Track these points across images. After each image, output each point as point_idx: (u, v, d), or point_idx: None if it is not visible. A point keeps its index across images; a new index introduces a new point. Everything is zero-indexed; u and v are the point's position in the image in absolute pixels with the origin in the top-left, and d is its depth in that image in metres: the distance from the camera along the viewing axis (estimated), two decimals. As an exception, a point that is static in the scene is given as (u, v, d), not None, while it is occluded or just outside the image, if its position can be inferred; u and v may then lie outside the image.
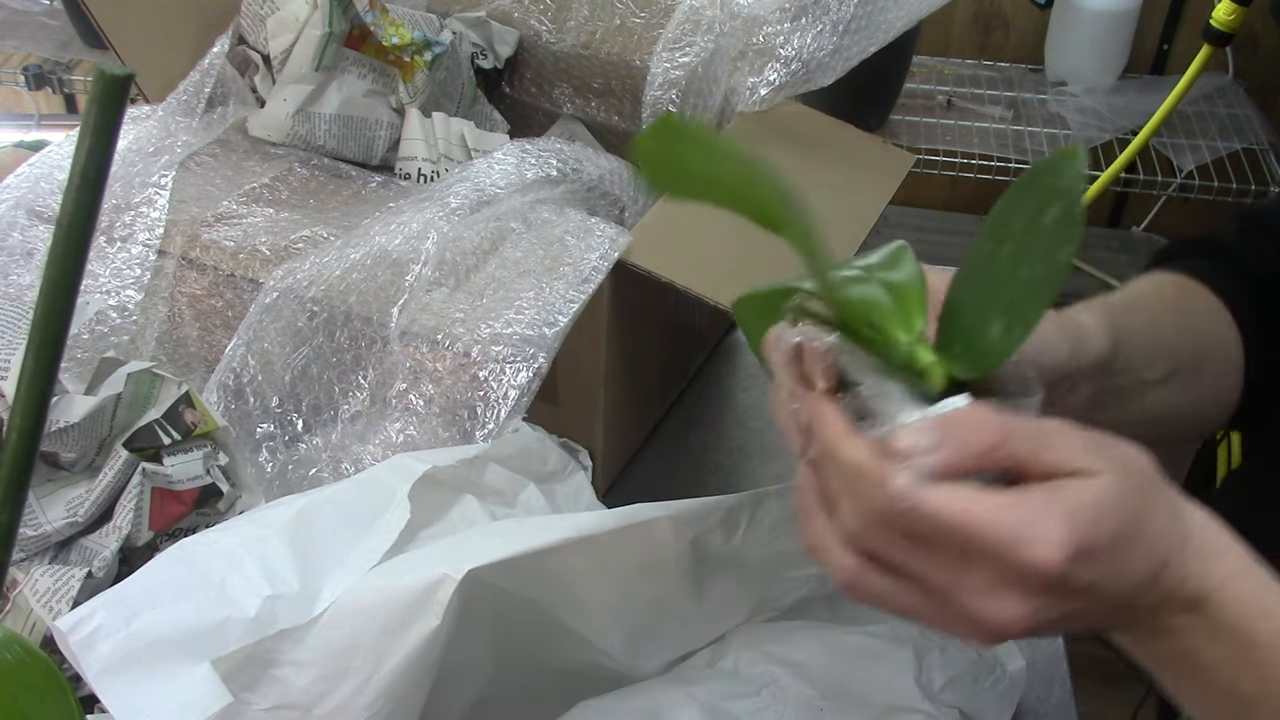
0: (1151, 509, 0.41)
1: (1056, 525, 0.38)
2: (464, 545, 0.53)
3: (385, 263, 0.73)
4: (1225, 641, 0.41)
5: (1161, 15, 1.80)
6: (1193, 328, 0.63)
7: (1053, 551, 0.38)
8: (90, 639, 0.48)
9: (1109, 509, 0.39)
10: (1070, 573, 0.39)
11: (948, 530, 0.39)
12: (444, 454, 0.61)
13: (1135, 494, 0.40)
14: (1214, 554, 0.41)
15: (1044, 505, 0.39)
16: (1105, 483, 0.40)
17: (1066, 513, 0.39)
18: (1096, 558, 0.39)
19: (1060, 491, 0.39)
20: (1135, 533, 0.40)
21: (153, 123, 0.87)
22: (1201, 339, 0.62)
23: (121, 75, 0.31)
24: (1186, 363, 0.60)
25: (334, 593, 0.51)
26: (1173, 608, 0.42)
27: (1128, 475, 0.40)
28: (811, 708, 0.62)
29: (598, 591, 0.58)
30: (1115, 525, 0.39)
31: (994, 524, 0.39)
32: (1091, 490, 0.39)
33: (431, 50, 0.91)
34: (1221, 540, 0.42)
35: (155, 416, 0.65)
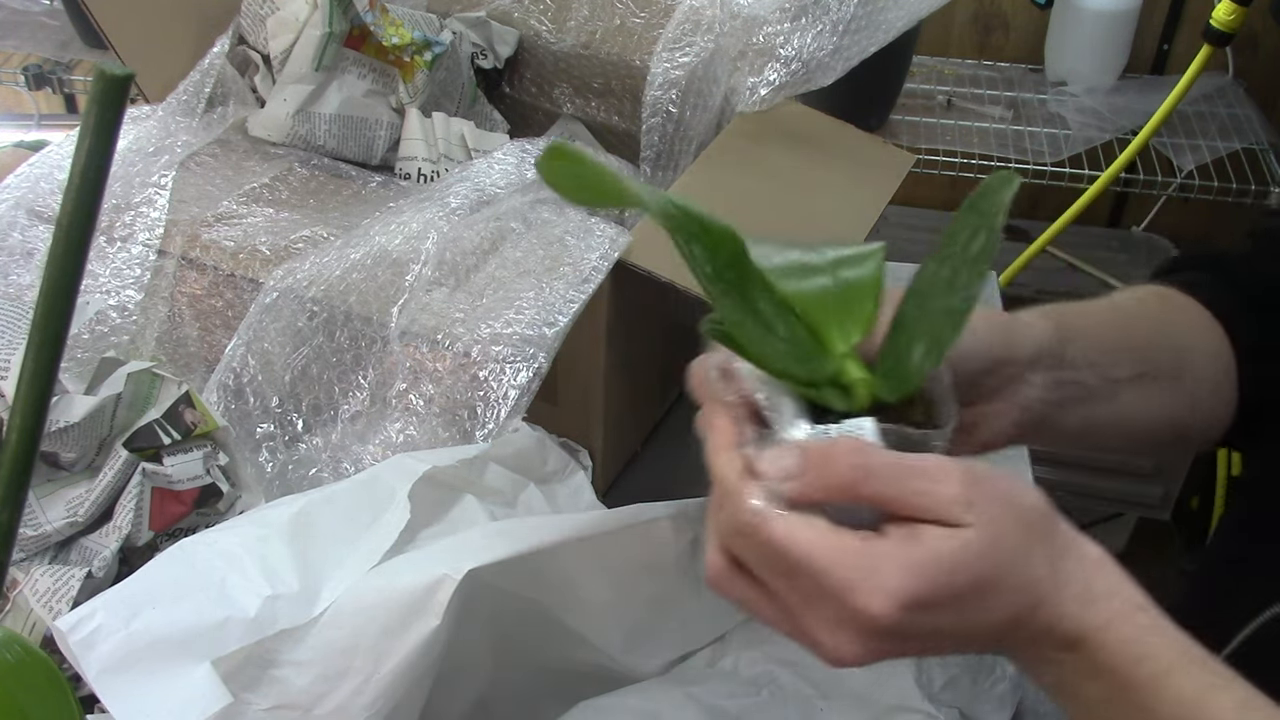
0: (1023, 558, 0.41)
1: (894, 576, 0.39)
2: (464, 545, 0.53)
3: (385, 263, 0.73)
4: (1104, 680, 0.42)
5: (1161, 15, 1.80)
6: (1171, 335, 0.62)
7: (885, 603, 0.39)
8: (90, 639, 0.48)
9: (964, 563, 0.40)
10: (904, 621, 0.39)
11: (791, 561, 0.40)
12: (444, 454, 0.61)
13: (1002, 548, 0.40)
14: (1098, 597, 0.42)
15: (889, 554, 0.39)
16: (966, 537, 0.40)
17: (909, 565, 0.39)
18: (937, 609, 0.40)
19: (912, 541, 0.40)
20: (994, 582, 0.40)
21: (153, 123, 0.87)
22: (1181, 347, 0.62)
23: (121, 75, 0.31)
24: (1163, 369, 0.60)
25: (334, 593, 0.51)
26: (1051, 644, 0.42)
27: (999, 533, 0.40)
28: (811, 707, 0.62)
29: (598, 591, 0.58)
30: (969, 577, 0.40)
31: (834, 565, 0.39)
32: (949, 544, 0.40)
33: (431, 50, 0.91)
34: (1109, 582, 0.43)
35: (155, 416, 0.65)
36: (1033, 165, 1.61)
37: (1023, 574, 0.41)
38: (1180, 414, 0.62)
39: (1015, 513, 0.41)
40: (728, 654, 0.65)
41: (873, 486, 0.40)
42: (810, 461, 0.40)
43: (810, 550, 0.40)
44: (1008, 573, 0.41)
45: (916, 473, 0.40)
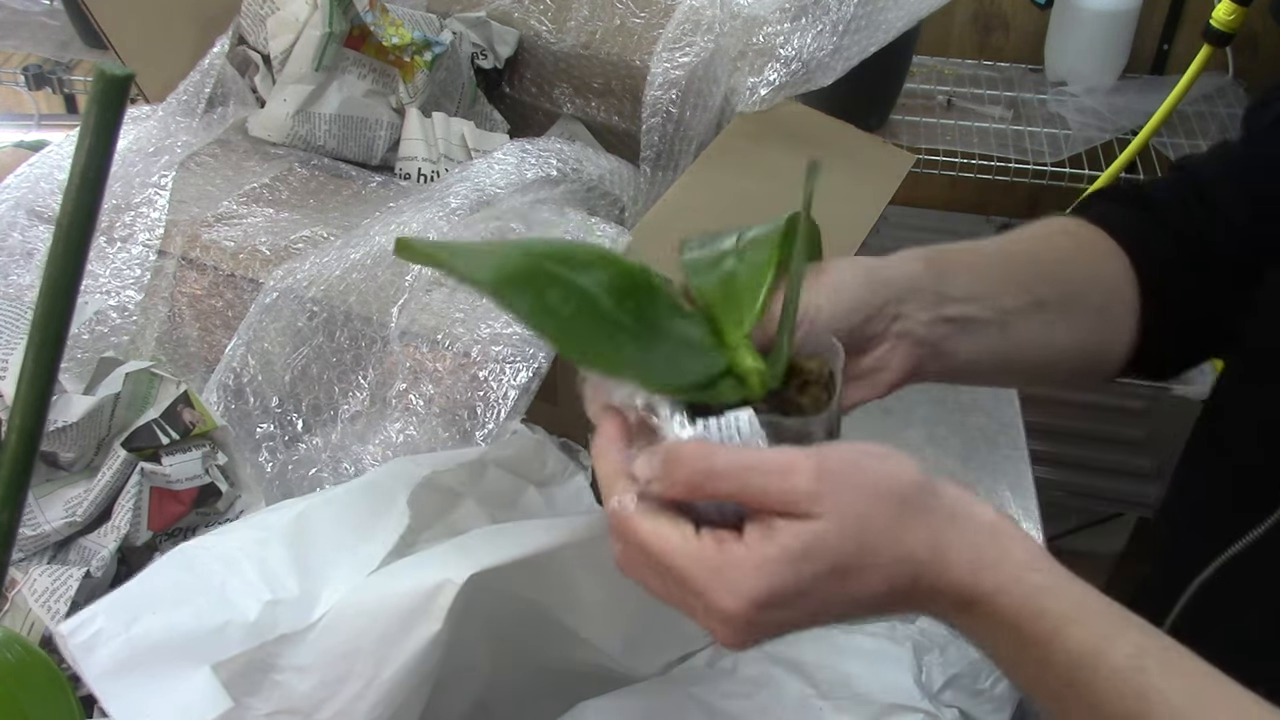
0: (889, 536, 0.42)
1: (745, 578, 0.41)
2: (464, 549, 0.53)
3: (385, 263, 0.73)
4: (1005, 636, 0.43)
5: (1161, 15, 1.80)
6: (1063, 266, 0.63)
7: (738, 603, 0.42)
8: (91, 642, 0.48)
9: (816, 553, 0.42)
10: (764, 616, 0.42)
11: (655, 560, 0.43)
12: (444, 457, 0.61)
13: (861, 532, 0.42)
14: (986, 566, 0.43)
15: (740, 557, 0.42)
16: (816, 529, 0.42)
17: (759, 565, 0.41)
18: (796, 599, 0.42)
19: (765, 540, 0.42)
20: (859, 564, 0.42)
21: (153, 123, 0.87)
22: (1074, 278, 0.63)
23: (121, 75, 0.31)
24: (1053, 300, 0.61)
25: (333, 597, 0.51)
26: (944, 608, 0.44)
27: (855, 517, 0.42)
28: (811, 707, 0.62)
29: (598, 592, 0.58)
30: (825, 564, 0.42)
31: (690, 568, 0.42)
32: (799, 539, 0.42)
33: (431, 50, 0.91)
34: (996, 550, 0.43)
35: (154, 416, 0.65)
36: (1033, 165, 1.61)
37: (891, 550, 0.43)
38: (1078, 344, 0.63)
39: (873, 494, 0.43)
40: (728, 654, 0.65)
41: (717, 486, 0.42)
42: (667, 465, 0.43)
43: (670, 553, 0.43)
44: (871, 552, 0.42)
45: (761, 470, 0.42)
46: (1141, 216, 0.66)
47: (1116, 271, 0.64)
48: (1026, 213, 1.88)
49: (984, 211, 1.91)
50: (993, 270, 0.59)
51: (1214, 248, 0.65)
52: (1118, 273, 0.64)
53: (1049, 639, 0.42)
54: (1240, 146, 0.67)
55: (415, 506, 0.55)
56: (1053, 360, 0.63)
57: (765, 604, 0.42)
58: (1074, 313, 0.62)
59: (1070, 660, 0.42)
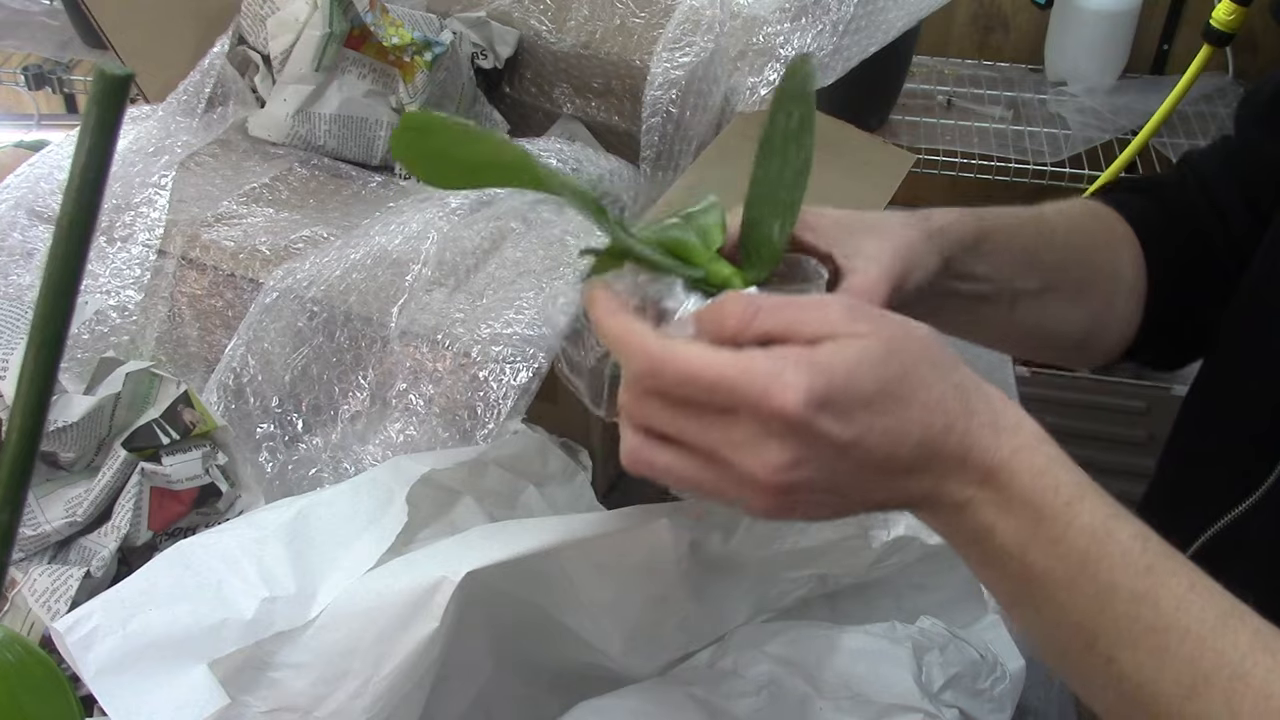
0: (925, 375, 0.42)
1: (800, 374, 0.40)
2: (463, 547, 0.53)
3: (385, 263, 0.73)
4: (1017, 514, 0.42)
5: (1161, 15, 1.80)
6: (1085, 251, 0.64)
7: (796, 396, 0.40)
8: (88, 639, 0.48)
9: (865, 365, 0.41)
10: (817, 420, 0.40)
11: (704, 385, 0.41)
12: (443, 456, 0.61)
13: (901, 357, 0.42)
14: (1006, 428, 0.43)
15: (793, 358, 0.41)
16: (863, 344, 0.41)
17: (812, 364, 0.41)
18: (847, 409, 0.41)
19: (815, 349, 0.41)
20: (900, 392, 0.41)
21: (153, 123, 0.87)
22: (1093, 263, 0.64)
23: (121, 75, 0.31)
24: (1069, 283, 0.62)
25: (331, 595, 0.51)
26: (964, 478, 0.43)
27: (893, 341, 0.42)
28: (811, 707, 0.62)
29: (597, 593, 0.58)
30: (873, 381, 0.41)
31: (744, 374, 0.40)
32: (848, 349, 0.41)
33: (431, 50, 0.91)
34: (1013, 416, 0.43)
35: (154, 416, 0.65)
36: (1033, 165, 1.61)
37: (928, 391, 0.42)
38: (1080, 328, 0.64)
39: (907, 332, 0.43)
40: (728, 654, 0.65)
41: (761, 321, 0.42)
42: (706, 316, 0.43)
43: (721, 368, 0.41)
44: (913, 384, 0.42)
45: (801, 304, 0.43)
46: (1155, 208, 0.67)
47: (1129, 259, 0.65)
48: (1026, 213, 1.88)
49: (984, 211, 1.92)
50: (1024, 250, 0.59)
51: (1217, 243, 0.65)
52: (1130, 260, 0.65)
53: (1066, 510, 0.41)
54: (1234, 142, 0.68)
55: (414, 504, 0.55)
56: (1051, 338, 0.64)
57: (829, 401, 0.40)
58: (1084, 297, 0.63)
59: (1085, 534, 0.41)
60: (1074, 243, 0.64)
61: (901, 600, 0.69)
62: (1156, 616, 0.40)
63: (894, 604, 0.69)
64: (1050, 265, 0.61)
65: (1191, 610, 0.40)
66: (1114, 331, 0.66)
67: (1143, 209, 0.67)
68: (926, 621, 0.67)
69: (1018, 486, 0.42)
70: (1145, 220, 0.66)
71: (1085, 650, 0.42)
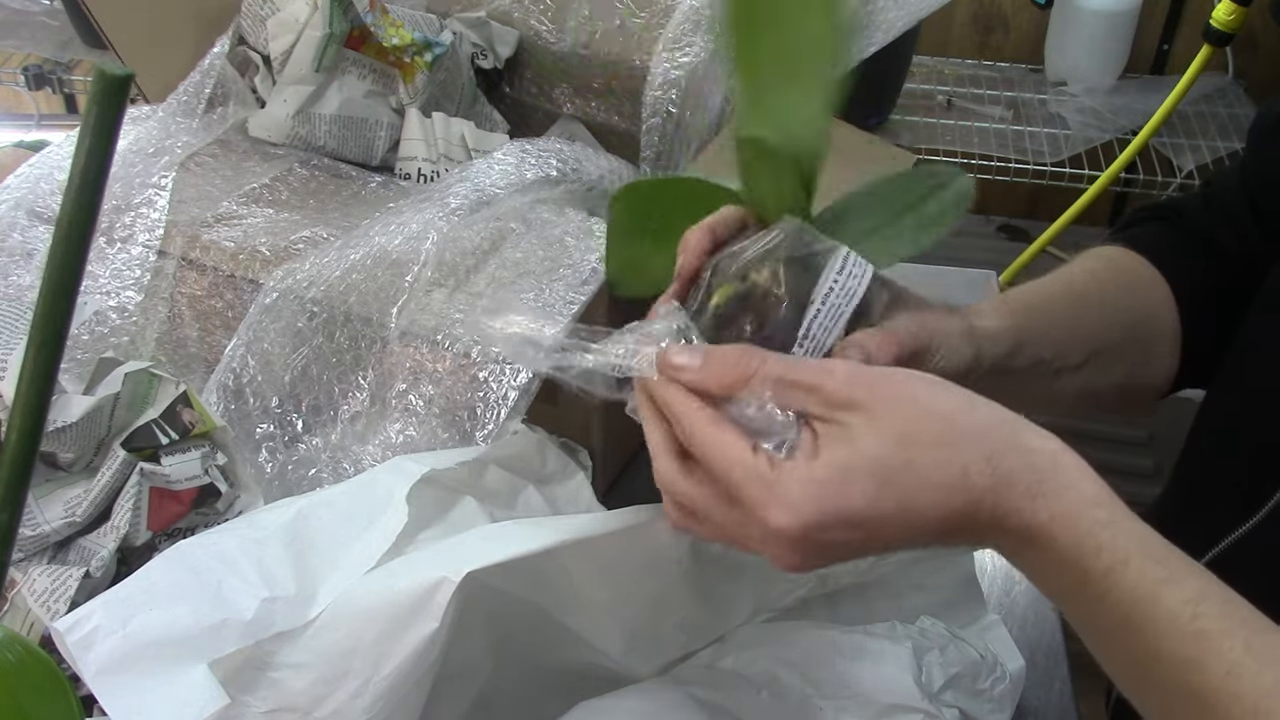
0: (939, 457, 0.42)
1: (797, 496, 0.41)
2: (463, 547, 0.53)
3: (385, 263, 0.73)
4: (1061, 572, 0.42)
5: (1161, 15, 1.80)
6: (1120, 310, 0.64)
7: (791, 521, 0.41)
8: (88, 639, 0.48)
9: (861, 467, 0.42)
10: (817, 537, 0.42)
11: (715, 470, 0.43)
12: (443, 456, 0.61)
13: (907, 445, 0.42)
14: (1047, 493, 0.42)
15: (791, 473, 0.42)
16: (866, 438, 0.42)
17: (807, 483, 0.42)
18: (849, 520, 0.42)
19: (813, 456, 0.42)
20: (907, 481, 0.42)
21: (153, 123, 0.87)
22: (1128, 320, 0.64)
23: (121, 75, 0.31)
24: (1109, 345, 0.62)
25: (331, 595, 0.51)
26: (1004, 539, 0.43)
27: (900, 423, 0.42)
28: (811, 707, 0.62)
29: (597, 593, 0.58)
30: (875, 482, 0.42)
31: (744, 481, 0.42)
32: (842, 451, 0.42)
33: (431, 51, 0.91)
34: (1064, 477, 0.43)
35: (153, 416, 0.65)
36: (1033, 165, 1.61)
37: (944, 471, 0.42)
38: (1120, 385, 0.64)
39: (916, 409, 0.43)
40: (728, 654, 0.65)
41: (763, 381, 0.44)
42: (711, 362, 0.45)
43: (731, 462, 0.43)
44: (924, 469, 0.42)
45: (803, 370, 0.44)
46: (1175, 235, 0.67)
47: (1161, 300, 0.65)
48: (1027, 213, 1.88)
49: (984, 211, 1.91)
50: (1062, 328, 0.60)
51: (1239, 261, 0.65)
52: (1162, 301, 0.65)
53: (1106, 576, 0.41)
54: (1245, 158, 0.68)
55: (414, 504, 0.55)
56: (1094, 398, 0.64)
57: (816, 525, 0.41)
58: (1123, 352, 0.63)
59: (1126, 599, 0.41)
60: (1108, 306, 0.63)
61: (901, 600, 0.69)
62: (1203, 682, 0.40)
63: (894, 604, 0.69)
64: (1088, 336, 0.61)
65: (1245, 676, 0.39)
66: (1158, 373, 0.66)
67: (1162, 238, 0.67)
68: (926, 621, 0.67)
69: (1058, 550, 0.42)
70: (1167, 251, 0.66)
71: (1133, 697, 0.43)
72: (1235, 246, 0.66)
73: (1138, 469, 1.63)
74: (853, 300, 0.48)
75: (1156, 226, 0.68)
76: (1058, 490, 0.42)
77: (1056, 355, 0.59)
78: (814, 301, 0.48)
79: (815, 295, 0.48)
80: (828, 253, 0.48)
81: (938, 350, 0.51)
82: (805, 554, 0.43)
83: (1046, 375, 0.59)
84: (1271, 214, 0.64)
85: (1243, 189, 0.67)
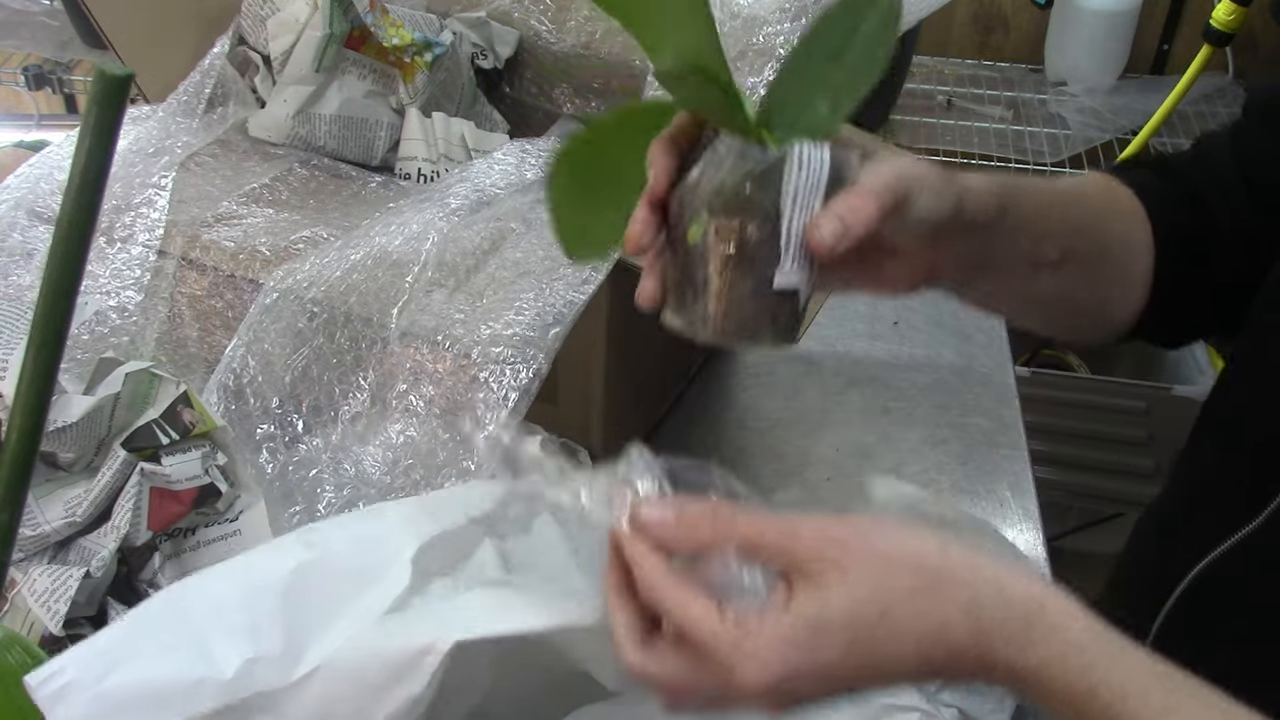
0: (918, 607, 0.42)
1: (763, 656, 0.42)
2: (461, 611, 0.51)
3: (385, 263, 0.73)
4: (1062, 711, 0.42)
5: (1161, 15, 1.80)
6: (1102, 223, 0.64)
7: (760, 680, 0.42)
8: (59, 695, 0.46)
9: (830, 625, 0.42)
10: (788, 689, 0.42)
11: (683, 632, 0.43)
12: (456, 510, 0.59)
13: (881, 596, 0.42)
14: (1035, 639, 0.42)
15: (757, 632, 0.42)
16: (827, 597, 0.42)
17: (773, 643, 0.42)
18: (817, 674, 0.42)
19: (780, 613, 0.42)
20: (880, 636, 0.42)
21: (153, 123, 0.87)
22: (1108, 237, 0.64)
23: (121, 75, 0.31)
24: (1086, 255, 0.62)
25: (319, 656, 0.49)
26: (998, 680, 0.43)
27: (866, 582, 0.42)
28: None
29: (599, 669, 0.57)
30: (844, 635, 0.42)
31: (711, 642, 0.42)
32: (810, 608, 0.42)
33: (432, 51, 0.91)
34: (1051, 619, 0.43)
35: (153, 416, 0.65)
36: (1033, 165, 1.61)
37: (919, 624, 0.42)
38: (1093, 300, 0.64)
39: (888, 563, 0.43)
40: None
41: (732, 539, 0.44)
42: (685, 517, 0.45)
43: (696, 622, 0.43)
44: (894, 624, 0.42)
45: (773, 529, 0.44)
46: (1166, 185, 0.67)
47: (1139, 235, 0.65)
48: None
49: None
50: (1046, 222, 0.59)
51: (1221, 225, 0.65)
52: (1140, 237, 0.65)
53: (1105, 712, 0.41)
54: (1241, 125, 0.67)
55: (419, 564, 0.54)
56: (1069, 311, 0.64)
57: (786, 680, 0.42)
58: (1100, 267, 0.63)
59: None
60: (1090, 212, 0.64)
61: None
62: None
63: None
64: (1067, 233, 0.61)
65: None
66: (1127, 305, 0.66)
67: (1153, 186, 0.67)
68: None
69: (1051, 691, 0.42)
70: (1155, 197, 0.66)
71: None
72: (1223, 210, 0.66)
73: (1138, 469, 1.63)
74: (820, 186, 0.48)
75: (1144, 174, 0.68)
76: (1045, 636, 0.42)
77: (1034, 245, 0.58)
78: (784, 209, 0.48)
79: (784, 203, 0.48)
80: (779, 159, 0.48)
81: (918, 198, 0.51)
82: (780, 703, 0.43)
83: (1025, 268, 0.59)
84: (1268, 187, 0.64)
85: (1234, 158, 0.66)
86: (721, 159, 0.48)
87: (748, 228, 0.48)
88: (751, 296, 0.49)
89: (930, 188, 0.51)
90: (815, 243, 0.47)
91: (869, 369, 1.04)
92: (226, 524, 0.67)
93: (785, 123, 0.50)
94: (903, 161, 0.51)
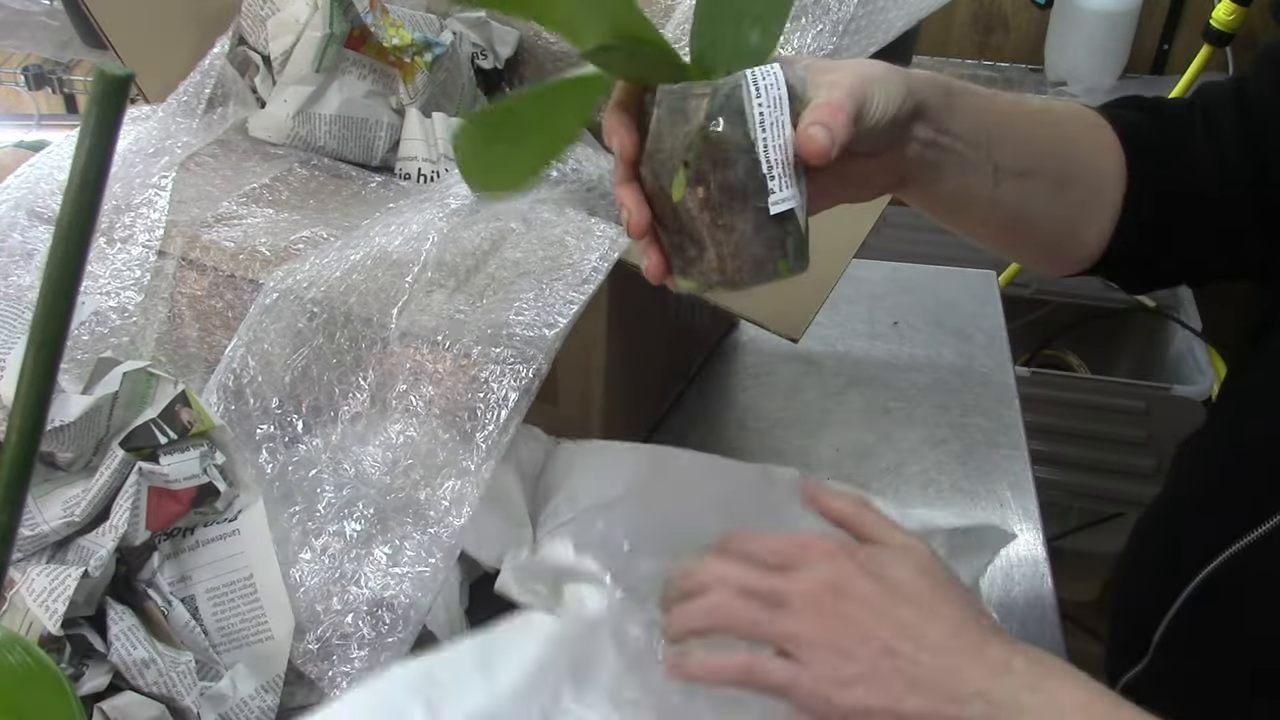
0: None
1: None
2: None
3: (385, 264, 0.73)
4: None
5: (1161, 15, 1.80)
6: (1068, 145, 0.64)
7: None
8: None
9: None
10: None
11: None
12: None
13: None
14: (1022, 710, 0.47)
15: None
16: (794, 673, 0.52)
17: None
18: None
19: None
20: None
21: (153, 123, 0.87)
22: (1075, 161, 0.64)
23: (121, 75, 0.31)
24: (1049, 173, 0.62)
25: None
26: None
27: None
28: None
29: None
30: None
31: None
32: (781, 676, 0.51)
33: (432, 51, 0.91)
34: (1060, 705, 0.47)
35: (151, 416, 0.65)
36: (1033, 166, 1.60)
37: None
38: (1058, 222, 0.64)
39: None
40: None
41: None
42: None
43: None
44: None
45: None
46: (1152, 125, 0.67)
47: (1110, 166, 0.65)
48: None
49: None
50: (1001, 116, 0.60)
51: (1206, 176, 0.65)
52: (1113, 169, 0.65)
53: None
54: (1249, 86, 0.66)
55: None
56: (1030, 229, 0.64)
57: None
58: (1065, 191, 0.63)
59: None
60: (1058, 130, 0.64)
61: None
62: None
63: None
64: (1030, 147, 0.61)
65: None
66: (1091, 236, 0.65)
67: (1138, 124, 0.66)
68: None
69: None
70: (1138, 134, 0.66)
71: None
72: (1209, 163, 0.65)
73: (1138, 469, 1.63)
74: (783, 103, 0.49)
75: (1133, 113, 0.68)
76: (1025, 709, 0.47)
77: (995, 149, 0.59)
78: (755, 135, 0.48)
79: (753, 132, 0.48)
80: (734, 89, 0.48)
81: (875, 97, 0.52)
82: None
83: (986, 173, 0.59)
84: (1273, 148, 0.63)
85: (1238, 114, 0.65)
86: (677, 112, 0.49)
87: (727, 165, 0.48)
88: (753, 232, 0.49)
89: (881, 80, 0.52)
90: (812, 148, 0.48)
91: (869, 369, 1.04)
92: (225, 523, 0.67)
93: (723, 61, 0.50)
94: (851, 64, 0.52)
